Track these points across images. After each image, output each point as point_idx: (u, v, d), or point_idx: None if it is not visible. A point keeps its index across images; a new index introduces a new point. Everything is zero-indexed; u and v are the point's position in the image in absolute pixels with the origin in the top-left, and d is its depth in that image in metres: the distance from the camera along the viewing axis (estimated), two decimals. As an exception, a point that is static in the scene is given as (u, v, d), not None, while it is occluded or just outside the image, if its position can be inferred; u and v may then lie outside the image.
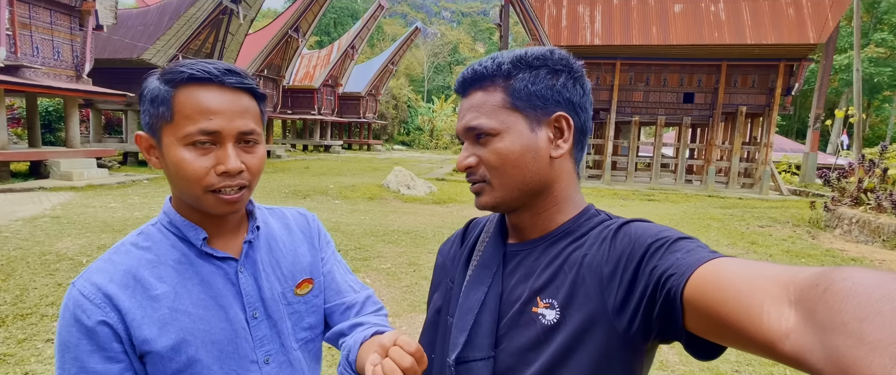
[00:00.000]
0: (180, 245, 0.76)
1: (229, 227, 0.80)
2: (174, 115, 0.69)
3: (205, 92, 0.69)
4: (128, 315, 0.70)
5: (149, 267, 0.74)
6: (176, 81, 0.69)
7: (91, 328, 0.68)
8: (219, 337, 0.74)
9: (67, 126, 12.36)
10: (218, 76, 0.69)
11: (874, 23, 27.29)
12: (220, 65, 0.71)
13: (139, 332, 0.70)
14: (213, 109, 0.69)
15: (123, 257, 0.74)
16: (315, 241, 0.92)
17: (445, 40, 60.65)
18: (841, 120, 22.22)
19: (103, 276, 0.72)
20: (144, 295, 0.72)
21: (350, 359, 0.86)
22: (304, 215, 0.95)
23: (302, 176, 13.63)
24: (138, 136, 0.75)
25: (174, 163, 0.70)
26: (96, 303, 0.69)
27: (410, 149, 36.99)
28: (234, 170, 0.70)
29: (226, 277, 0.78)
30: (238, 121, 0.71)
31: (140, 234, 0.78)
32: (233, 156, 0.70)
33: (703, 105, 14.06)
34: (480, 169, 0.68)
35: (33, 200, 8.15)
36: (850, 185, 7.95)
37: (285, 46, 22.46)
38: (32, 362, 2.76)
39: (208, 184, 0.70)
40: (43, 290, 3.81)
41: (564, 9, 13.56)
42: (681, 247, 0.54)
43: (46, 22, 11.50)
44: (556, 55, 0.68)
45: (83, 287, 0.71)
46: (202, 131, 0.68)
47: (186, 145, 0.69)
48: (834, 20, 11.96)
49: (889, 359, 0.30)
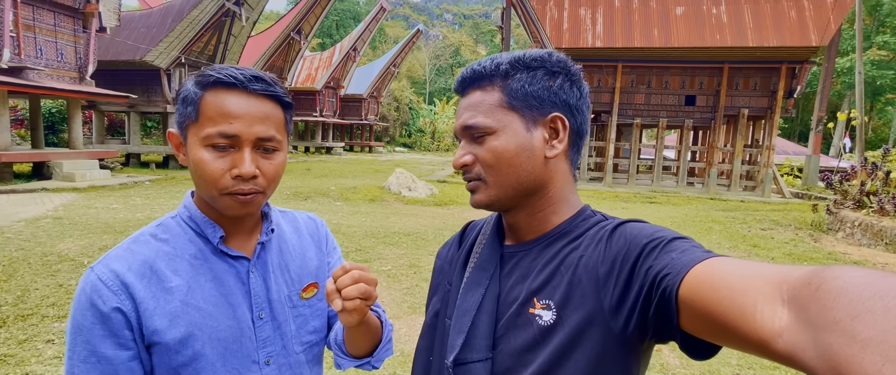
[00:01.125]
0: (197, 240, 0.78)
1: (246, 227, 0.82)
2: (199, 116, 0.72)
3: (229, 96, 0.72)
4: (141, 304, 0.71)
5: (166, 259, 0.75)
6: (204, 84, 0.72)
7: (106, 313, 0.70)
8: (225, 335, 0.76)
9: (70, 127, 12.42)
10: (243, 82, 0.72)
11: (876, 26, 27.27)
12: (247, 72, 0.73)
13: (150, 322, 0.71)
14: (233, 113, 0.71)
15: (142, 247, 0.76)
16: (323, 246, 0.93)
17: (447, 43, 60.80)
18: (843, 123, 22.17)
19: (122, 264, 0.73)
20: (159, 286, 0.73)
21: (338, 341, 0.88)
22: (314, 220, 0.97)
23: (303, 177, 13.66)
24: (170, 133, 0.78)
25: (194, 161, 0.73)
26: (113, 290, 0.70)
27: (412, 151, 37.04)
28: (246, 174, 0.71)
29: (237, 276, 0.79)
30: (257, 126, 0.72)
31: (159, 226, 0.79)
32: (248, 161, 0.72)
33: (704, 107, 14.05)
34: (476, 167, 0.69)
35: (36, 201, 8.18)
36: (852, 188, 7.93)
37: (288, 48, 22.54)
38: (33, 363, 2.77)
39: (223, 186, 0.72)
40: (44, 291, 3.83)
41: (566, 11, 13.58)
42: (676, 247, 0.54)
43: (50, 24, 11.57)
44: (554, 57, 0.68)
45: (102, 272, 0.72)
46: (221, 133, 0.71)
47: (206, 146, 0.72)
48: (836, 22, 11.96)
49: (880, 356, 0.31)
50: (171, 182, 12.14)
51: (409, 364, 2.97)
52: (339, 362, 0.91)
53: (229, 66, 0.74)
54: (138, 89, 15.35)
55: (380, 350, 0.90)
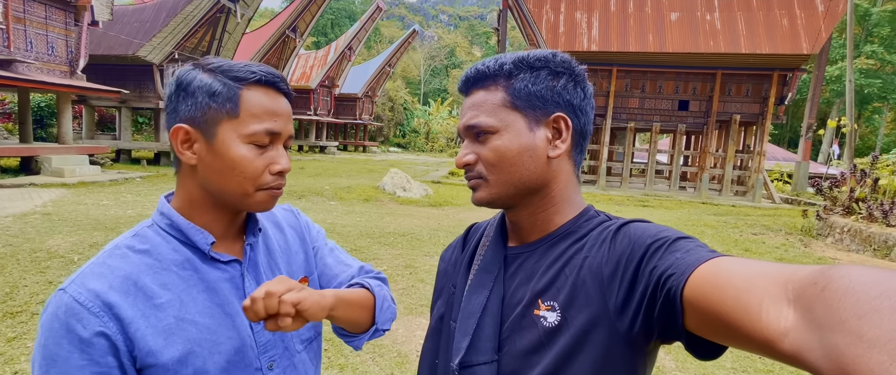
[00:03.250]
0: (183, 249, 0.73)
1: (233, 230, 0.79)
2: (241, 112, 0.71)
3: (271, 94, 0.73)
4: (130, 325, 0.66)
5: (150, 272, 0.70)
6: (245, 80, 0.71)
7: (86, 339, 0.63)
8: (226, 347, 0.72)
9: (60, 122, 12.24)
10: (277, 82, 0.74)
11: (865, 35, 27.70)
12: (274, 71, 0.74)
13: (143, 343, 0.66)
14: (277, 112, 0.73)
15: (120, 262, 0.69)
16: (306, 236, 0.92)
17: (442, 44, 60.78)
18: (832, 130, 22.49)
19: (101, 282, 0.66)
20: (148, 303, 0.68)
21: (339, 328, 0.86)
22: (291, 211, 0.95)
23: (297, 176, 13.58)
24: (178, 128, 0.71)
25: (232, 158, 0.70)
26: (94, 312, 0.64)
27: (406, 152, 36.95)
28: (287, 169, 0.75)
29: (231, 282, 0.76)
30: (289, 124, 0.76)
31: (135, 236, 0.73)
32: (286, 157, 0.75)
33: (697, 112, 14.18)
34: (478, 165, 0.69)
35: (24, 196, 8.05)
36: (841, 194, 8.05)
37: (282, 46, 22.41)
38: (22, 361, 2.72)
39: (263, 182, 0.73)
40: (33, 288, 3.77)
41: (562, 15, 13.65)
42: (680, 247, 0.55)
43: (41, 16, 11.40)
44: (559, 58, 0.68)
45: (78, 293, 0.64)
46: (268, 131, 0.72)
47: (249, 143, 0.71)
48: (827, 31, 12.13)
49: (887, 356, 0.31)
50: (162, 179, 12.01)
51: (407, 364, 2.96)
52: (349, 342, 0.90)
53: (252, 64, 0.74)
54: (130, 84, 15.18)
55: (380, 315, 0.87)
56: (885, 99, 27.43)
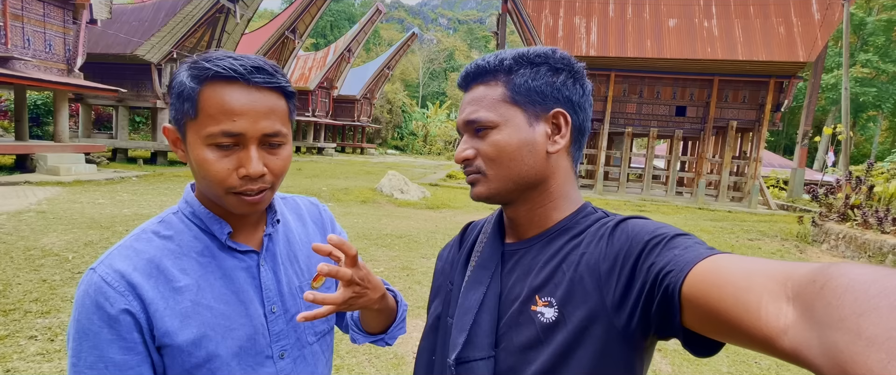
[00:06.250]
0: (203, 237, 0.74)
1: (251, 220, 0.79)
2: (199, 113, 0.66)
3: (231, 90, 0.66)
4: (151, 305, 0.68)
5: (172, 257, 0.72)
6: (202, 78, 0.66)
7: (114, 316, 0.66)
8: (238, 333, 0.73)
9: (56, 120, 12.18)
10: (244, 74, 0.66)
11: (860, 44, 27.94)
12: (247, 62, 0.67)
13: (161, 324, 0.68)
14: (236, 110, 0.66)
15: (145, 245, 0.72)
16: (328, 231, 0.93)
17: (441, 47, 60.96)
18: (828, 137, 22.63)
19: (126, 263, 0.69)
20: (167, 286, 0.70)
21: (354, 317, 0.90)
22: (316, 205, 0.95)
23: (294, 177, 13.55)
24: (166, 129, 0.73)
25: (197, 161, 0.68)
26: (119, 291, 0.67)
27: (404, 154, 36.95)
28: (255, 173, 0.68)
29: (247, 272, 0.76)
30: (262, 122, 0.67)
31: (161, 222, 0.75)
32: (255, 160, 0.68)
33: (694, 118, 14.25)
34: (477, 160, 0.69)
35: (18, 194, 8.00)
36: (837, 201, 8.09)
37: (281, 47, 22.41)
38: (15, 359, 2.70)
39: (230, 185, 0.68)
40: (27, 286, 3.74)
41: (561, 19, 13.70)
42: (678, 244, 0.54)
43: (39, 14, 11.37)
44: (558, 54, 0.69)
45: (105, 273, 0.67)
46: (225, 133, 0.66)
47: (209, 145, 0.67)
48: (823, 39, 12.22)
49: (886, 354, 0.30)
50: (158, 178, 11.96)
51: (403, 366, 2.95)
52: (355, 337, 0.92)
53: (225, 54, 0.68)
54: (128, 83, 15.14)
55: (393, 328, 0.91)
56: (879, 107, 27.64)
